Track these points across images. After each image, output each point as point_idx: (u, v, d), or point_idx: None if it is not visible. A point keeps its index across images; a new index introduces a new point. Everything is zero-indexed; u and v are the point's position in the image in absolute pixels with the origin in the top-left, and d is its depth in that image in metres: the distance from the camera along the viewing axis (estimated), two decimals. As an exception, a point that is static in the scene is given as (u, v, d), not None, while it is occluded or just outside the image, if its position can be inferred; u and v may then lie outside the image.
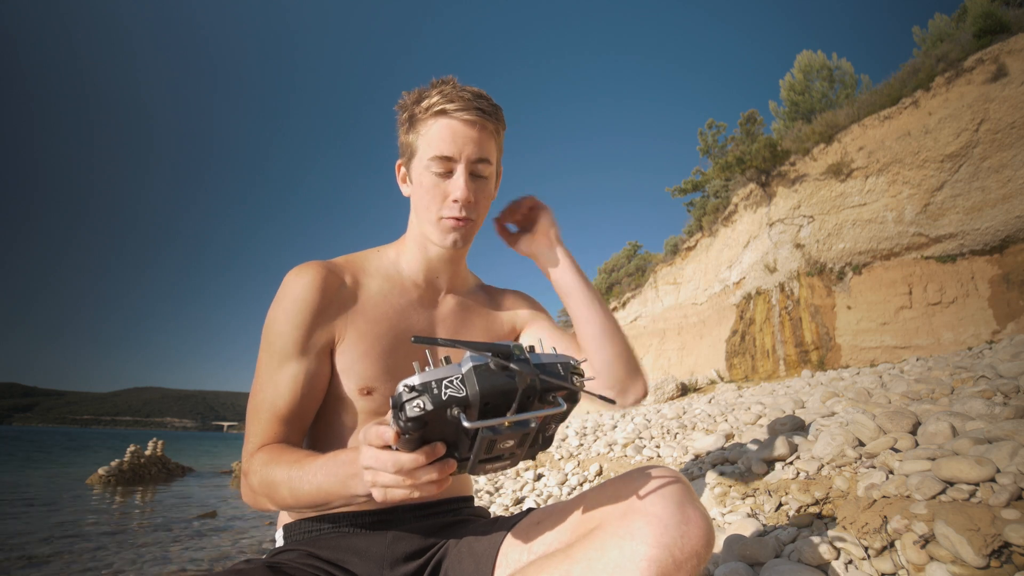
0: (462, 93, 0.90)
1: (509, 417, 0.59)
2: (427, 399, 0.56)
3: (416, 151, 0.93)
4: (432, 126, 0.90)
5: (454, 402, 0.57)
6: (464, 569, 0.86)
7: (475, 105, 0.89)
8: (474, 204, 0.93)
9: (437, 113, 0.89)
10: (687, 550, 0.62)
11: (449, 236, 0.94)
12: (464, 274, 1.11)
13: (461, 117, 0.89)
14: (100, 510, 6.16)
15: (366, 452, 0.61)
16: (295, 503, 0.79)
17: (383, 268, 1.01)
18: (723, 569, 1.30)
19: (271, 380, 0.88)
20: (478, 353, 0.59)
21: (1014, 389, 2.17)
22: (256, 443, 0.87)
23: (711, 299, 14.05)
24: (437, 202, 0.92)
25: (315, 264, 0.93)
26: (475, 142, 0.90)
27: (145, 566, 3.38)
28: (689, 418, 4.55)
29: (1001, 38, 8.19)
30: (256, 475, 0.83)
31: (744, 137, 12.88)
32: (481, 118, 0.90)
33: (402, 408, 0.56)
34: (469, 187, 0.91)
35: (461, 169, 0.90)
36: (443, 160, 0.90)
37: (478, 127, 0.90)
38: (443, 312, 1.04)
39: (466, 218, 0.93)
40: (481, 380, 0.57)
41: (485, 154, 0.92)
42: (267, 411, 0.88)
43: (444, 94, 0.89)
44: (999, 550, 1.04)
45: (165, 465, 10.83)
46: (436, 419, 0.58)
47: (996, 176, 8.22)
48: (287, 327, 0.88)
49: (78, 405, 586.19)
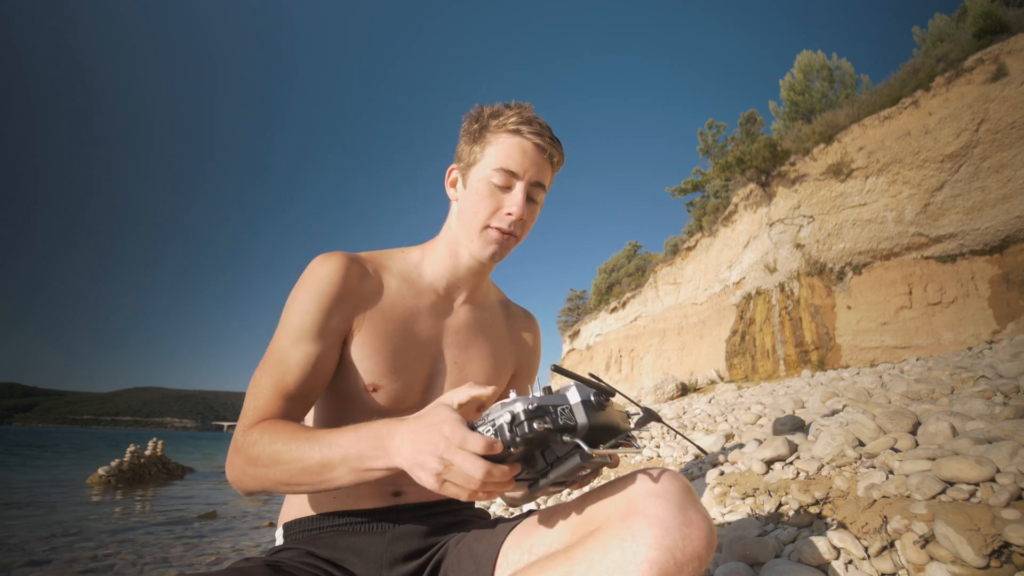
0: (538, 119, 0.96)
1: (620, 451, 0.66)
2: (548, 421, 0.62)
3: (478, 161, 0.96)
4: (504, 141, 0.94)
5: (567, 430, 0.63)
6: (464, 569, 0.86)
7: (547, 134, 0.95)
8: (522, 223, 0.96)
9: (512, 131, 0.94)
10: (688, 552, 0.62)
11: (489, 247, 0.96)
12: (486, 288, 1.12)
13: (533, 140, 0.94)
14: (100, 510, 6.16)
15: (457, 453, 0.63)
16: (295, 476, 0.75)
17: (405, 269, 1.02)
18: (723, 569, 1.31)
19: (282, 356, 0.88)
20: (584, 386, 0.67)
21: (1014, 389, 2.18)
22: (254, 418, 0.84)
23: (711, 299, 14.06)
24: (488, 211, 0.94)
25: (341, 253, 0.95)
26: (539, 167, 0.95)
27: (145, 566, 3.38)
28: (689, 418, 4.55)
29: (1001, 38, 8.19)
30: (254, 447, 0.79)
31: (744, 137, 12.89)
32: (550, 147, 0.95)
33: (522, 424, 0.61)
34: (524, 205, 0.94)
35: (521, 187, 0.94)
36: (508, 174, 0.93)
37: (545, 154, 0.95)
38: (454, 323, 1.04)
39: (511, 233, 0.96)
40: (589, 413, 0.64)
41: (544, 181, 0.97)
42: (272, 385, 0.86)
43: (521, 116, 0.94)
44: (999, 550, 1.04)
45: (165, 465, 10.83)
46: (539, 441, 0.64)
47: (996, 176, 8.22)
48: (307, 307, 0.89)
49: (78, 405, 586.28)
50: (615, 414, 0.70)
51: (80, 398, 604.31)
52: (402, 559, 0.90)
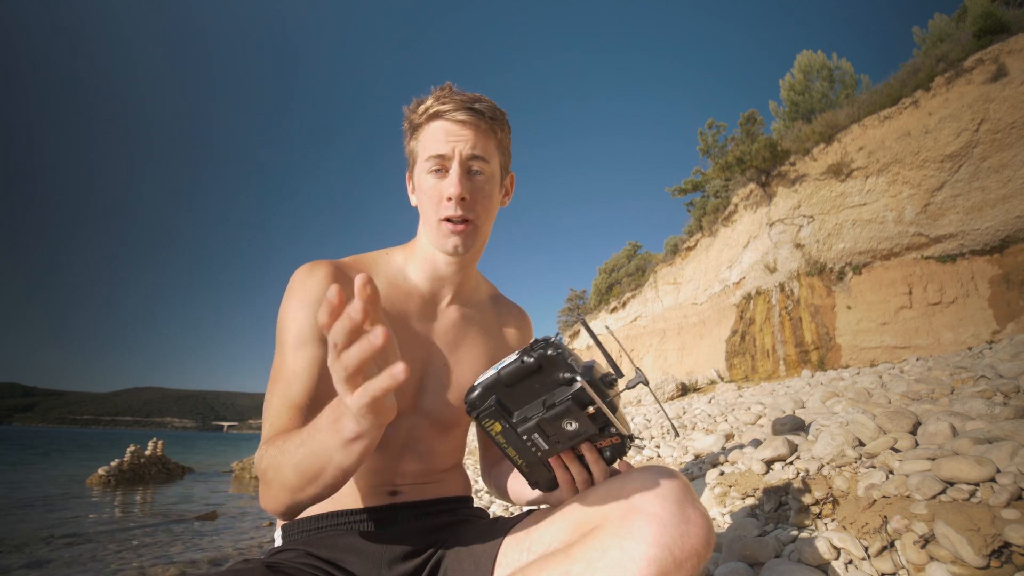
0: (456, 96, 0.92)
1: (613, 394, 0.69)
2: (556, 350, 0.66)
3: (417, 157, 0.95)
4: (427, 129, 0.92)
5: (569, 368, 0.66)
6: (464, 569, 0.86)
7: (467, 105, 0.91)
8: (471, 203, 0.92)
9: (432, 116, 0.92)
10: (687, 550, 0.62)
11: (450, 240, 0.93)
12: (473, 284, 1.09)
13: (454, 117, 0.91)
14: (100, 510, 6.15)
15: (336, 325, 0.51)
16: (288, 478, 0.71)
17: (390, 273, 1.01)
18: (723, 569, 1.30)
19: (285, 369, 0.87)
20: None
21: (1014, 389, 2.18)
22: (267, 436, 0.83)
23: (711, 299, 14.06)
24: (435, 203, 0.93)
25: (324, 262, 0.94)
26: (467, 140, 0.91)
27: (145, 566, 3.37)
28: (689, 418, 4.55)
29: (1001, 38, 8.19)
30: (260, 463, 0.78)
31: (744, 137, 12.88)
32: (474, 117, 0.91)
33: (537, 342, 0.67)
34: (463, 184, 0.91)
35: (455, 166, 0.91)
36: (437, 159, 0.91)
37: (471, 126, 0.92)
38: (442, 323, 1.03)
39: (463, 218, 0.92)
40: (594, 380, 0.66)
41: (479, 152, 0.92)
42: (280, 401, 0.85)
43: (438, 97, 0.92)
44: (999, 550, 1.04)
45: (165, 465, 10.83)
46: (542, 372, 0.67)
47: (996, 176, 8.22)
48: (300, 314, 0.88)
49: (78, 405, 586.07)
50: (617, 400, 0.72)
51: (80, 398, 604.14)
52: (401, 558, 0.90)
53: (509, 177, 1.06)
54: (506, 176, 1.04)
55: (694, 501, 0.68)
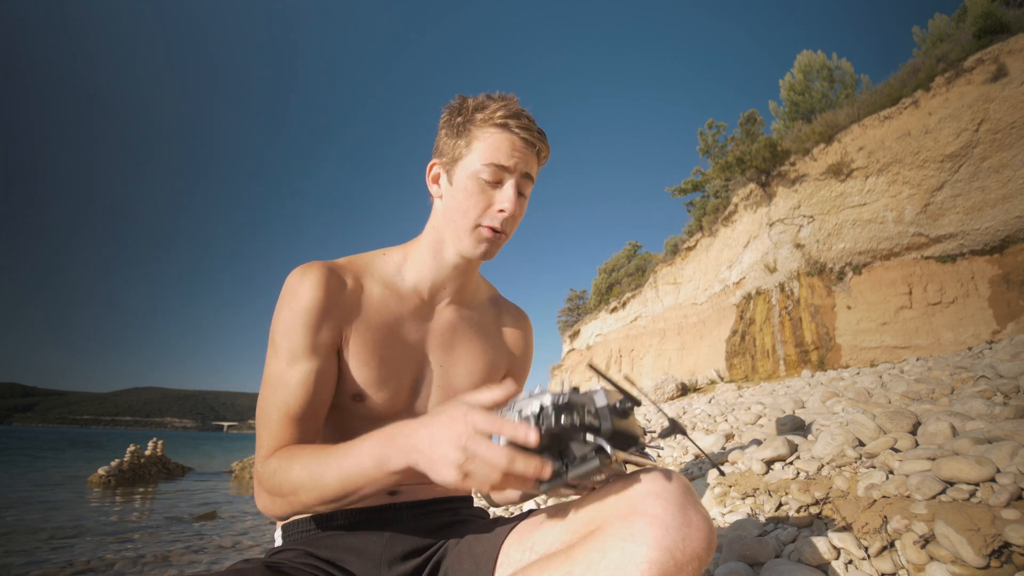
0: (525, 112, 0.93)
1: (636, 459, 0.65)
2: (576, 417, 0.61)
3: (463, 156, 0.92)
4: (491, 135, 0.91)
5: (592, 429, 0.62)
6: (464, 569, 0.86)
7: (534, 127, 0.93)
8: (513, 219, 0.94)
9: (499, 124, 0.91)
10: (688, 552, 0.62)
11: (481, 246, 0.94)
12: (475, 285, 1.08)
13: (521, 134, 0.91)
14: (100, 510, 6.16)
15: (482, 442, 0.61)
16: (319, 497, 0.76)
17: (386, 274, 1.00)
18: (723, 569, 1.30)
19: (281, 381, 0.87)
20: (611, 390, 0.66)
21: (1014, 389, 2.18)
22: (270, 447, 0.84)
23: (711, 299, 14.06)
24: (479, 209, 0.92)
25: (317, 265, 0.92)
26: (528, 160, 0.93)
27: (145, 566, 3.38)
28: (689, 418, 4.55)
29: (1001, 38, 8.19)
30: (273, 478, 0.80)
31: (744, 137, 12.89)
32: (537, 140, 0.93)
33: (549, 417, 0.60)
34: (516, 201, 0.92)
35: (512, 182, 0.92)
36: (498, 169, 0.91)
37: (533, 149, 0.93)
38: (439, 324, 1.02)
39: (502, 231, 0.94)
40: (614, 418, 0.64)
41: (532, 172, 0.95)
42: (279, 412, 0.86)
43: (508, 109, 0.92)
44: (999, 550, 1.04)
45: (165, 465, 10.84)
46: (562, 439, 0.63)
47: (996, 176, 8.22)
48: (294, 325, 0.88)
49: (78, 405, 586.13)
50: (635, 425, 0.69)
51: (80, 398, 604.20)
52: (401, 558, 0.90)
53: None
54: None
55: (696, 503, 0.68)
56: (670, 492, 0.67)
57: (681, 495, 0.67)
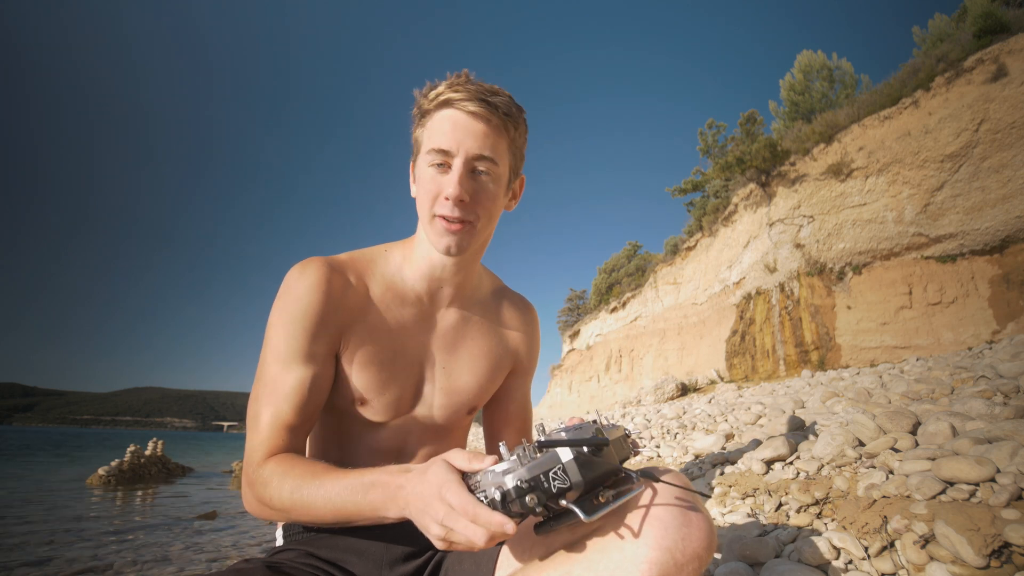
0: (470, 85, 0.84)
1: (614, 504, 0.64)
2: (542, 495, 0.60)
3: (421, 146, 0.87)
4: (435, 117, 0.85)
5: (563, 493, 0.61)
6: (464, 569, 0.86)
7: (481, 96, 0.83)
8: (470, 205, 0.85)
9: (442, 103, 0.84)
10: (688, 552, 0.62)
11: (443, 240, 0.86)
12: (475, 283, 1.03)
13: (465, 108, 0.82)
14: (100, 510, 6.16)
15: (459, 521, 0.60)
16: (310, 521, 0.76)
17: (387, 274, 0.96)
18: (723, 569, 1.30)
19: (275, 385, 0.85)
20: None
21: (1014, 389, 2.18)
22: (263, 452, 0.82)
23: (711, 299, 14.05)
24: (431, 198, 0.86)
25: (318, 262, 0.89)
26: (476, 136, 0.83)
27: (145, 566, 3.37)
28: (689, 418, 4.55)
29: (1001, 38, 8.18)
30: (265, 489, 0.78)
31: (744, 137, 12.88)
32: (486, 111, 0.83)
33: (514, 502, 0.60)
34: (464, 184, 0.83)
35: (458, 164, 0.83)
36: (439, 153, 0.83)
37: (482, 120, 0.83)
38: (441, 325, 0.99)
39: (461, 219, 0.85)
40: (583, 470, 0.62)
41: (488, 151, 0.84)
42: (271, 417, 0.84)
43: (451, 84, 0.84)
44: (999, 550, 1.04)
45: (165, 465, 10.83)
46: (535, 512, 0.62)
47: (996, 176, 8.22)
48: (292, 329, 0.85)
49: (78, 405, 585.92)
50: (611, 452, 0.68)
51: (80, 398, 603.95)
52: (402, 559, 0.90)
53: (519, 180, 0.98)
54: (515, 179, 0.96)
55: (696, 503, 0.68)
56: (670, 492, 0.67)
57: (681, 495, 0.67)
